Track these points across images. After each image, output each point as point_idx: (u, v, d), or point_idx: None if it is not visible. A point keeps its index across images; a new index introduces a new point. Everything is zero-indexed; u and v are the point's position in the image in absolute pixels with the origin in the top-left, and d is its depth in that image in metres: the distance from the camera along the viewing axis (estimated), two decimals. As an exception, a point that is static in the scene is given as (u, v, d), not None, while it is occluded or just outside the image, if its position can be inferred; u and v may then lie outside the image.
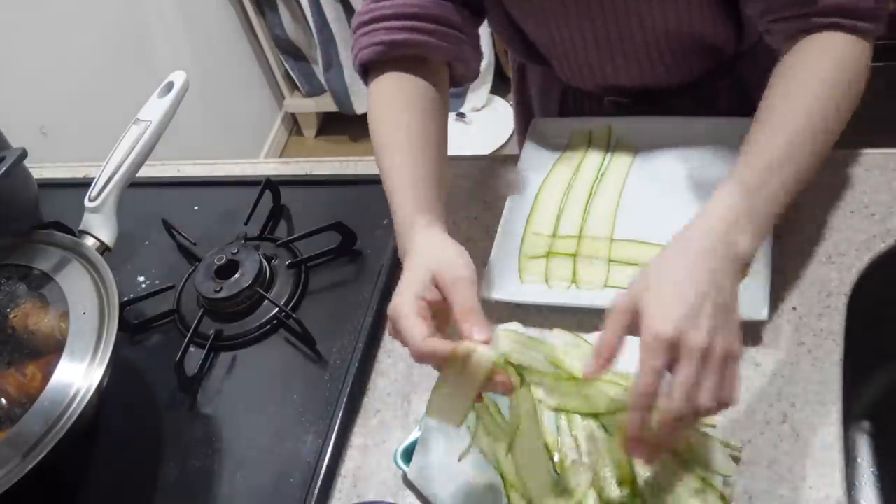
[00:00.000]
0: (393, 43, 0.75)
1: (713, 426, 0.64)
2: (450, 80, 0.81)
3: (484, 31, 0.95)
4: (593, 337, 0.72)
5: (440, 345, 0.58)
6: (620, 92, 0.90)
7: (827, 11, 0.64)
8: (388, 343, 0.80)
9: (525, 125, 0.95)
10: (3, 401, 0.70)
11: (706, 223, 0.59)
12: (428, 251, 0.64)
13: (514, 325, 0.74)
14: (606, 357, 0.58)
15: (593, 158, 0.88)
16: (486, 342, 0.59)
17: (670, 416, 0.54)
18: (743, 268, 0.59)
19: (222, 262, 0.86)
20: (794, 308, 0.71)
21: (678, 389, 0.54)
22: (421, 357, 0.59)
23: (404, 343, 0.60)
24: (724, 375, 0.54)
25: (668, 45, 0.81)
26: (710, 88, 0.88)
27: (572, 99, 0.96)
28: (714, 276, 0.56)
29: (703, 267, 0.56)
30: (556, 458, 0.66)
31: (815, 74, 0.64)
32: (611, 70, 0.85)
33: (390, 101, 0.75)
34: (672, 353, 0.54)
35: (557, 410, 0.66)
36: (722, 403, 0.54)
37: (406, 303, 0.60)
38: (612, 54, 0.82)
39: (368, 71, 0.78)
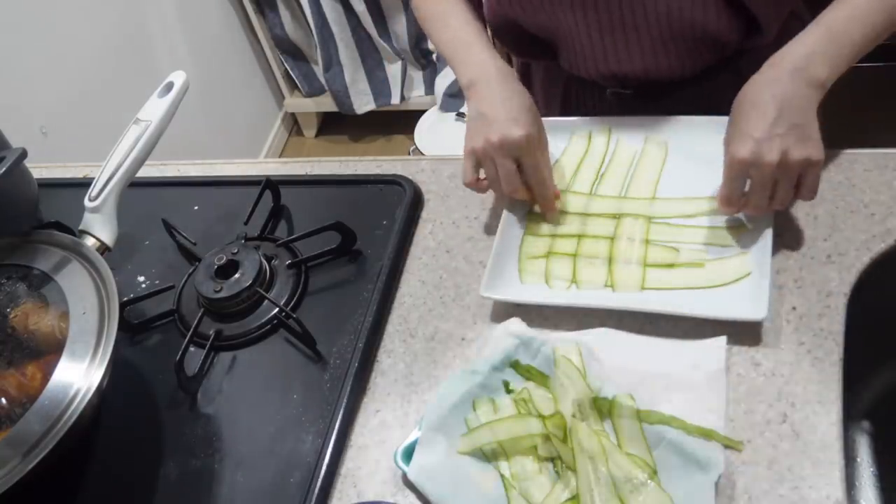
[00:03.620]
0: None
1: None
2: None
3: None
4: (592, 334, 0.73)
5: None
6: (622, 82, 0.90)
7: None
8: (388, 343, 0.80)
9: (525, 125, 0.96)
10: (3, 401, 0.69)
11: (791, 54, 0.70)
12: (523, 97, 0.79)
13: (515, 322, 0.74)
14: (732, 191, 0.72)
15: (593, 159, 0.88)
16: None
17: (750, 210, 0.72)
18: (820, 93, 0.70)
19: (222, 262, 0.86)
20: (794, 308, 0.71)
21: (755, 195, 0.70)
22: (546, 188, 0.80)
23: (511, 176, 0.78)
24: (801, 180, 0.69)
25: (670, 34, 0.81)
26: (713, 84, 0.88)
27: (575, 92, 0.97)
28: (791, 100, 0.68)
29: (783, 91, 0.68)
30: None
31: None
32: (613, 57, 0.85)
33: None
34: (752, 170, 0.68)
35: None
36: (801, 198, 0.71)
37: (541, 136, 0.79)
38: (615, 40, 0.83)
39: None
